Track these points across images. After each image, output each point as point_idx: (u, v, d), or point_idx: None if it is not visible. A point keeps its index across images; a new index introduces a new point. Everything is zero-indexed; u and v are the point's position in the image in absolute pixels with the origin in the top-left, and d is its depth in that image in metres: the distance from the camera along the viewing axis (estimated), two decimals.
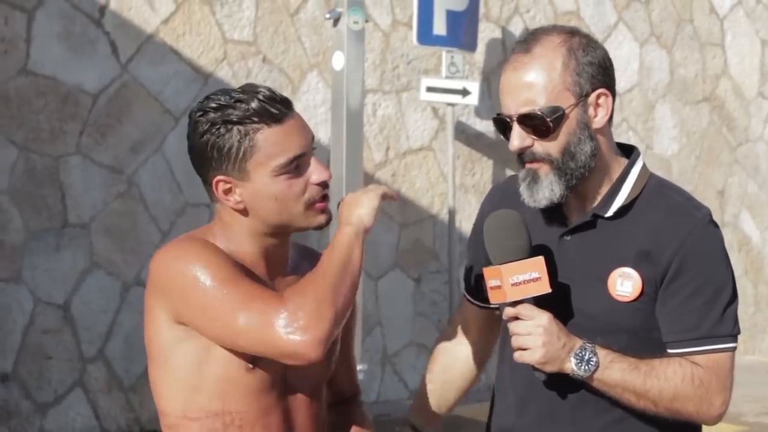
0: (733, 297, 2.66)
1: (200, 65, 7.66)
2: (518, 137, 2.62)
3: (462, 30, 8.33)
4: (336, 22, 5.80)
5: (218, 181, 2.50)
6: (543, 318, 2.56)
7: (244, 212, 2.51)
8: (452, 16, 8.25)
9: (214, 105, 2.48)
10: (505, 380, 2.80)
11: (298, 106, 7.97)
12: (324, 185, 2.53)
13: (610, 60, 2.68)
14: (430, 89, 8.29)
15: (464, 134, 8.74)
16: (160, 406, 2.53)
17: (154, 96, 7.49)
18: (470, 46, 8.41)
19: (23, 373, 7.04)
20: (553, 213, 2.72)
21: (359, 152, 5.86)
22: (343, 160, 5.75)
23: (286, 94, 7.94)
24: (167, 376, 2.49)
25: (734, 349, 2.65)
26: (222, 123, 2.46)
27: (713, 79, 10.46)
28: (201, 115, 2.49)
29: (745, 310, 10.56)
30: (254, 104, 2.48)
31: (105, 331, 7.30)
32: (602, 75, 2.64)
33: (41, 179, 7.09)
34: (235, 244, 2.53)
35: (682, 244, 2.61)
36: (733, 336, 2.64)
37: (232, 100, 2.47)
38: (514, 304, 2.57)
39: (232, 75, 7.79)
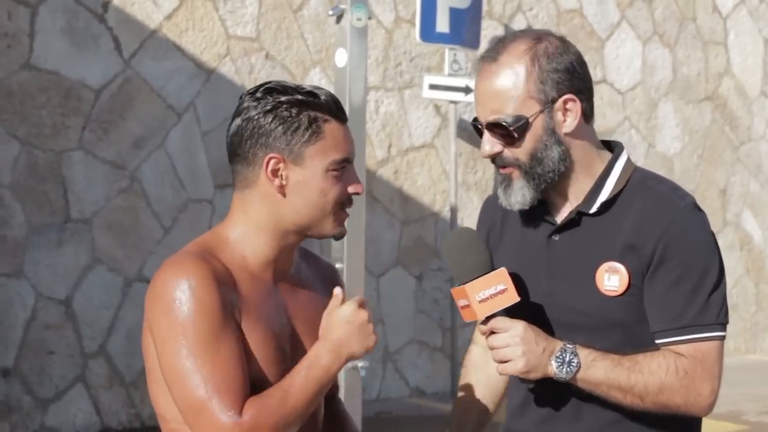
0: (719, 283, 2.65)
1: (203, 61, 7.66)
2: (488, 143, 2.68)
3: (465, 27, 8.33)
4: (339, 18, 5.78)
5: (271, 158, 2.47)
6: (518, 328, 2.57)
7: (280, 198, 2.48)
8: (455, 14, 8.25)
9: (279, 88, 2.49)
10: (511, 381, 2.82)
11: None
12: (352, 198, 2.55)
13: (581, 63, 2.69)
14: (432, 87, 8.29)
15: (466, 132, 8.74)
16: (159, 412, 2.51)
17: (156, 92, 7.49)
18: (473, 43, 8.40)
19: (24, 369, 7.04)
20: (541, 213, 2.74)
21: (362, 149, 5.85)
22: None
23: None
24: (162, 386, 2.47)
25: (721, 337, 2.64)
26: (292, 104, 2.47)
27: (716, 78, 10.45)
28: (267, 93, 2.49)
29: (746, 309, 10.55)
30: (325, 98, 2.50)
31: (106, 327, 7.30)
32: (569, 80, 2.66)
33: (43, 174, 7.09)
34: (249, 246, 2.51)
35: (664, 231, 2.61)
36: (720, 324, 2.63)
37: (304, 90, 2.49)
38: (487, 319, 2.59)
39: (234, 71, 7.79)
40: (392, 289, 8.41)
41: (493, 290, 2.57)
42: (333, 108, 2.50)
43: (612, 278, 2.64)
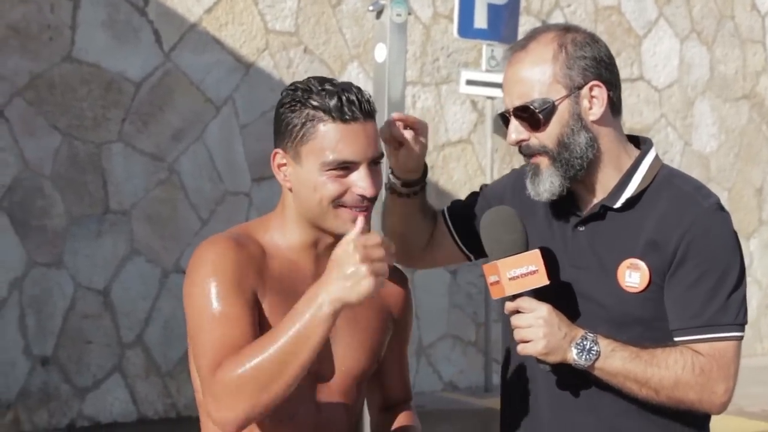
0: (738, 284, 2.66)
1: (242, 55, 7.71)
2: (515, 130, 2.70)
3: (503, 23, 8.34)
4: (379, 14, 5.81)
5: (276, 153, 2.55)
6: (543, 309, 2.59)
7: (288, 191, 2.56)
8: (493, 10, 8.26)
9: (303, 86, 2.53)
10: (517, 373, 2.82)
11: None
12: (365, 198, 2.49)
13: (608, 56, 2.72)
14: (469, 82, 8.31)
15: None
16: (194, 385, 2.56)
17: (196, 85, 7.54)
18: (511, 39, 8.40)
19: (63, 357, 7.11)
20: (567, 204, 2.76)
21: None
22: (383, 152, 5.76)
23: None
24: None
25: (739, 338, 2.66)
26: (298, 102, 2.51)
27: (753, 77, 10.41)
28: (292, 90, 2.54)
29: None
30: (331, 97, 2.48)
31: (144, 317, 7.37)
32: (596, 68, 2.68)
33: (84, 166, 7.16)
34: (285, 232, 2.57)
35: (687, 231, 2.63)
36: (738, 325, 2.65)
37: (320, 88, 2.51)
38: (514, 298, 2.61)
39: (273, 65, 7.83)
40: (427, 283, 8.44)
41: (524, 269, 2.59)
42: (335, 108, 2.47)
43: (633, 275, 2.66)
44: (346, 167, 2.48)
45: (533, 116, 2.66)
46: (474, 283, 8.70)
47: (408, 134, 2.75)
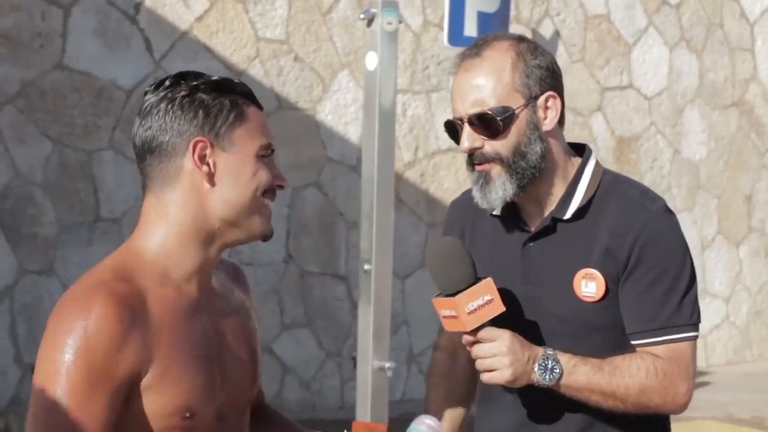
0: (691, 284, 2.69)
1: (233, 63, 7.72)
2: (468, 138, 2.66)
3: (493, 31, 8.34)
4: (370, 22, 5.83)
5: (197, 142, 2.23)
6: (505, 338, 2.58)
7: (207, 188, 2.25)
8: (483, 18, 8.28)
9: (188, 76, 2.29)
10: (483, 388, 2.83)
11: (328, 105, 8.04)
12: (277, 191, 2.32)
13: (557, 65, 2.74)
14: None
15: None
16: None
17: None
18: None
19: None
20: (514, 221, 2.76)
21: (391, 152, 5.90)
22: (374, 160, 5.77)
23: (316, 92, 8.01)
24: None
25: (695, 337, 2.69)
26: (210, 87, 2.27)
27: (743, 84, 10.45)
28: (176, 81, 2.28)
29: None
30: (240, 82, 2.33)
31: None
32: (550, 78, 2.69)
33: (74, 173, 7.17)
34: (172, 257, 2.25)
35: (638, 236, 2.65)
36: (693, 324, 2.68)
37: (212, 76, 2.31)
38: (474, 330, 2.59)
39: (264, 73, 7.85)
40: (417, 291, 8.44)
41: (480, 301, 2.57)
42: (250, 92, 2.31)
43: (589, 284, 2.67)
44: (270, 154, 2.30)
45: (491, 124, 2.63)
46: None
47: None
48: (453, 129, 2.71)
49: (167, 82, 2.27)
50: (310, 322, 8.03)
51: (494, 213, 2.77)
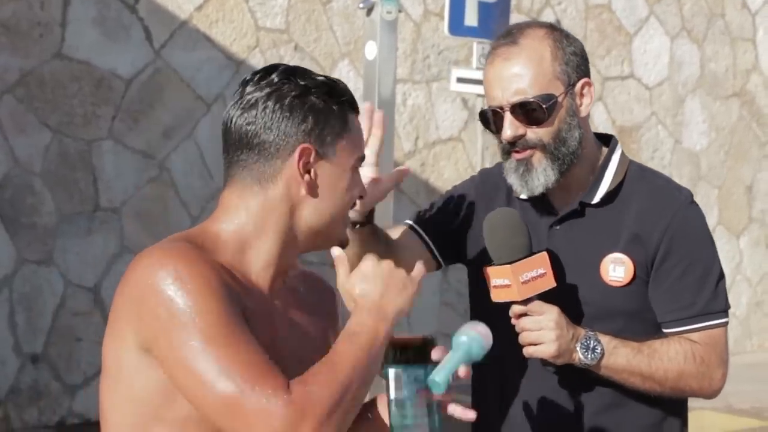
0: (721, 273, 2.74)
1: (232, 52, 7.71)
2: (511, 126, 2.66)
3: (493, 21, 8.34)
4: (369, 11, 5.83)
5: (304, 149, 2.13)
6: (553, 312, 2.60)
7: (304, 196, 2.16)
8: (484, 7, 8.26)
9: (298, 71, 2.18)
10: (489, 376, 2.79)
11: None
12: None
13: (586, 53, 2.77)
14: (460, 80, 8.30)
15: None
16: (105, 428, 2.15)
17: (186, 82, 7.54)
18: None
19: (53, 355, 7.11)
20: (540, 205, 2.77)
21: (390, 142, 5.90)
22: None
23: None
24: (123, 401, 2.12)
25: (727, 323, 2.74)
26: (322, 90, 2.17)
27: (744, 74, 10.43)
28: (286, 77, 2.16)
29: None
30: (345, 89, 2.21)
31: None
32: (584, 65, 2.73)
33: (74, 163, 7.16)
34: (251, 247, 2.17)
35: (668, 225, 2.68)
36: (725, 311, 2.73)
37: (319, 75, 2.20)
38: (524, 301, 2.60)
39: (264, 62, 7.83)
40: None
41: (534, 273, 2.59)
42: (353, 98, 2.22)
43: (617, 269, 2.70)
44: (361, 165, 2.25)
45: (536, 111, 2.64)
46: (464, 280, 8.67)
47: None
48: (487, 118, 2.71)
49: (275, 78, 2.15)
50: None
51: (522, 196, 2.78)
